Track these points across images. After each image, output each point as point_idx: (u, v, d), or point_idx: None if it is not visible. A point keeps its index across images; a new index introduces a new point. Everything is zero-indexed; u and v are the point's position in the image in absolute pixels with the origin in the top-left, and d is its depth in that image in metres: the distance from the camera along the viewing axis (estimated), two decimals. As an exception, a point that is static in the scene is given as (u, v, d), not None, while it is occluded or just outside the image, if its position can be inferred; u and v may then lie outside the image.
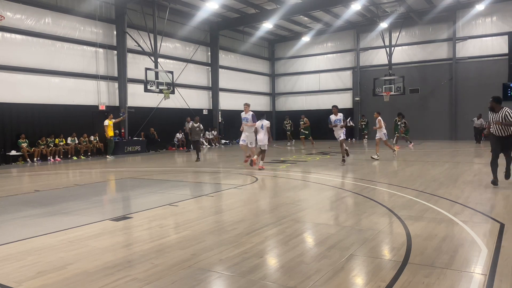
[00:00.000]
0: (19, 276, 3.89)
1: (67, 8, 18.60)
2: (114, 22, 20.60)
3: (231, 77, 28.71)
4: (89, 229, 5.59)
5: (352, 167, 12.61)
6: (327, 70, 31.01)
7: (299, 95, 32.37)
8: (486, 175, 10.03)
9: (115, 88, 20.77)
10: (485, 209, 6.27)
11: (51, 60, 17.92)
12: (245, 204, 7.27)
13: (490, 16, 25.08)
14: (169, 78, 20.67)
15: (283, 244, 4.74)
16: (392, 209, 6.42)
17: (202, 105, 26.34)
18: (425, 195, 7.56)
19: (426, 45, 27.26)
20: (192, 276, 3.77)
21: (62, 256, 4.42)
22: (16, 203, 7.91)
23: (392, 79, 26.10)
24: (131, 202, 7.81)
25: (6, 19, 15.97)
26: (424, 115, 26.87)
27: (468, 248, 4.42)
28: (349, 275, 3.76)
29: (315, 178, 10.26)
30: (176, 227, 5.73)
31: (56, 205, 7.37)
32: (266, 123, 12.45)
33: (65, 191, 9.22)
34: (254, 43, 30.35)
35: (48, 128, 17.62)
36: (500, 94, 24.35)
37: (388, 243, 4.79)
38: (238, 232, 5.28)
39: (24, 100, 16.86)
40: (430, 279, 3.57)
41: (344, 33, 29.78)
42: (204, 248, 4.59)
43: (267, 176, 10.82)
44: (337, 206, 6.98)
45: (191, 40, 25.16)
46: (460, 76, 26.14)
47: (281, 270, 3.91)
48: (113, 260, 4.23)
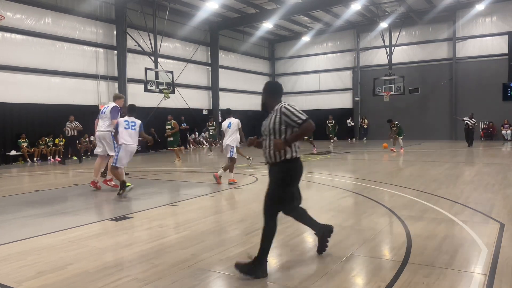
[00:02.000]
0: (19, 276, 3.89)
1: (67, 8, 18.60)
2: (114, 22, 20.59)
3: (231, 77, 28.69)
4: (89, 229, 5.58)
5: (352, 167, 12.63)
6: (327, 70, 31.00)
7: (299, 95, 32.34)
8: (486, 175, 10.04)
9: (115, 88, 20.76)
10: (485, 209, 6.26)
11: (51, 60, 17.92)
12: (245, 204, 7.27)
13: (490, 16, 25.06)
14: (169, 78, 20.67)
15: (283, 244, 4.74)
16: (392, 209, 6.42)
17: (202, 105, 26.33)
18: (425, 195, 7.56)
19: (426, 45, 27.25)
20: (192, 276, 3.77)
21: (62, 256, 4.42)
22: (16, 203, 7.91)
23: (392, 79, 26.08)
24: (131, 202, 7.81)
25: (6, 19, 15.96)
26: (424, 115, 26.86)
27: (468, 248, 4.42)
28: (349, 275, 3.76)
29: (315, 178, 10.26)
30: (176, 227, 5.73)
31: (56, 205, 7.36)
32: (236, 121, 9.79)
33: (65, 191, 9.22)
34: (254, 43, 30.34)
35: (48, 128, 17.62)
36: (500, 94, 24.54)
37: (388, 243, 4.79)
38: (238, 232, 5.28)
39: (24, 100, 16.85)
40: (430, 279, 3.57)
41: (344, 33, 29.76)
42: (204, 248, 4.59)
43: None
44: (337, 206, 6.98)
45: (191, 40, 25.16)
46: (460, 76, 26.13)
47: (281, 270, 3.91)
48: (113, 260, 4.23)
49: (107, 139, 8.94)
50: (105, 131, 8.93)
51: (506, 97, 24.52)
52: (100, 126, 9.01)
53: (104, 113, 9.01)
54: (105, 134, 8.93)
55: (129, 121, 8.27)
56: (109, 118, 8.86)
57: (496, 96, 24.56)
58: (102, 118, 9.01)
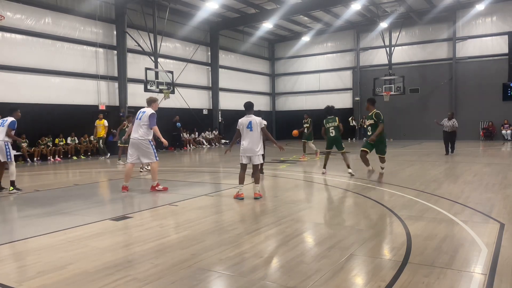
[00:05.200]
0: (19, 276, 3.89)
1: (67, 8, 18.60)
2: (114, 22, 20.59)
3: (231, 77, 28.71)
4: (89, 229, 5.58)
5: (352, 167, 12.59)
6: (327, 70, 31.01)
7: (299, 95, 32.37)
8: (486, 175, 10.04)
9: (115, 88, 20.77)
10: (485, 209, 6.26)
11: (51, 60, 17.91)
12: (245, 204, 7.27)
13: (490, 16, 25.07)
14: (169, 78, 20.68)
15: (283, 244, 4.74)
16: (392, 209, 6.42)
17: (202, 105, 26.34)
18: (425, 195, 7.56)
19: (426, 45, 27.26)
20: (192, 276, 3.77)
21: (62, 256, 4.42)
22: (16, 203, 7.92)
23: (392, 79, 26.11)
24: (131, 202, 7.81)
25: (6, 19, 15.98)
26: (424, 115, 26.85)
27: (468, 248, 4.42)
28: (349, 275, 3.76)
29: (315, 178, 10.26)
30: (176, 227, 5.73)
31: (56, 205, 7.36)
32: (260, 121, 7.61)
33: (65, 191, 9.22)
34: (254, 43, 30.34)
35: (48, 128, 17.60)
36: (500, 94, 24.54)
37: (388, 243, 4.79)
38: (238, 232, 5.28)
39: (24, 100, 16.83)
40: (430, 279, 3.57)
41: (344, 33, 29.77)
42: (204, 248, 4.59)
43: (267, 176, 10.81)
44: (337, 206, 6.98)
45: (191, 40, 25.16)
46: (460, 76, 26.14)
47: (281, 270, 3.91)
48: (113, 260, 4.23)
49: (143, 147, 8.52)
50: (141, 139, 8.48)
51: (506, 97, 24.54)
52: (135, 132, 8.49)
53: (140, 119, 8.53)
54: (142, 142, 8.49)
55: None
56: (148, 126, 8.50)
57: (496, 96, 24.57)
58: (139, 124, 8.49)
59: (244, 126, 7.52)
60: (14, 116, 9.12)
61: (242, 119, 7.64)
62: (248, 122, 7.48)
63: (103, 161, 16.94)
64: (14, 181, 8.95)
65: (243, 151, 7.49)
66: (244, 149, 7.47)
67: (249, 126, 7.45)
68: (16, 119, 9.11)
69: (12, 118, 9.06)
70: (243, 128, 7.52)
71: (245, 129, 7.49)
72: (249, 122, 7.47)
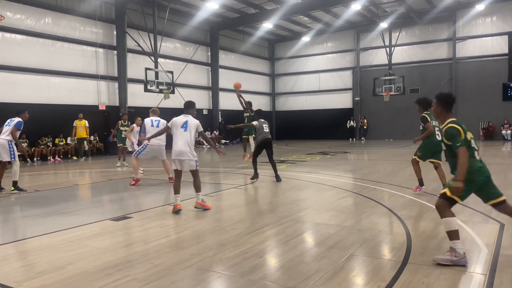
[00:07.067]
0: (19, 276, 3.89)
1: (67, 8, 18.60)
2: (114, 22, 20.59)
3: (231, 77, 28.63)
4: (89, 229, 5.58)
5: (352, 167, 12.62)
6: (327, 70, 31.00)
7: (299, 95, 32.36)
8: (486, 175, 10.02)
9: (115, 88, 20.77)
10: (485, 209, 6.25)
11: (51, 60, 17.92)
12: (245, 204, 7.26)
13: (490, 16, 25.07)
14: (169, 78, 20.66)
15: (283, 244, 4.74)
16: (392, 209, 6.42)
17: (202, 105, 26.32)
18: (425, 195, 7.56)
19: (426, 45, 27.26)
20: (192, 276, 3.77)
21: (62, 256, 4.42)
22: (16, 203, 7.92)
23: (392, 79, 26.10)
24: (131, 202, 7.81)
25: (6, 19, 15.97)
26: (424, 115, 26.83)
27: (468, 248, 4.41)
28: (349, 275, 3.76)
29: (315, 178, 10.25)
30: (176, 227, 5.73)
31: (56, 205, 7.36)
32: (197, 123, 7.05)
33: (65, 191, 9.22)
34: (254, 43, 30.34)
35: (48, 128, 17.61)
36: (500, 94, 24.54)
37: (388, 243, 4.79)
38: (238, 232, 5.27)
39: (24, 100, 16.82)
40: (430, 279, 3.57)
41: (344, 33, 29.76)
42: (204, 248, 4.59)
43: (267, 176, 10.80)
44: (337, 206, 6.98)
45: (191, 40, 25.16)
46: (460, 76, 26.14)
47: (281, 270, 3.91)
48: (113, 260, 4.23)
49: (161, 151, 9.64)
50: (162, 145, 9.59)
51: (506, 97, 24.55)
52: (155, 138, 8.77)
53: (158, 126, 9.46)
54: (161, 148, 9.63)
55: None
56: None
57: (496, 96, 24.57)
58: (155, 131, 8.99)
59: (178, 125, 6.79)
60: (22, 117, 9.12)
61: (177, 117, 6.97)
62: (184, 121, 6.83)
63: (83, 163, 16.33)
64: (16, 181, 8.90)
65: (174, 154, 6.65)
66: (175, 152, 6.64)
67: (184, 126, 6.77)
68: (23, 120, 9.13)
69: (19, 118, 9.04)
70: (177, 127, 6.78)
71: (178, 128, 6.75)
72: (185, 121, 6.83)
